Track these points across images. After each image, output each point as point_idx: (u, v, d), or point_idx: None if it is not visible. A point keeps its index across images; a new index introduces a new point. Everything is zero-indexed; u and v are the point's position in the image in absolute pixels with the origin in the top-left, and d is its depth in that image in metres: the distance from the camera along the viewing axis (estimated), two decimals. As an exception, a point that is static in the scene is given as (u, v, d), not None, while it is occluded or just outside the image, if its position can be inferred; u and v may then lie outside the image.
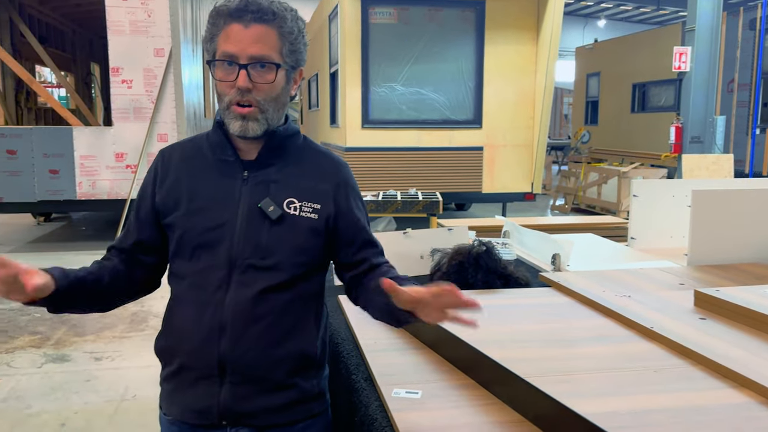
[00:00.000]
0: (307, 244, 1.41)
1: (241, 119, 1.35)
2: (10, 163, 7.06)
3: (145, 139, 7.21)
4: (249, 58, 1.32)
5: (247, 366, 1.38)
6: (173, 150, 1.49)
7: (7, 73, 8.72)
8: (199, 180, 1.43)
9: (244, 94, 1.34)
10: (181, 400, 1.44)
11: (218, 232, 1.38)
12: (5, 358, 4.17)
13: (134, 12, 7.03)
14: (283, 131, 1.44)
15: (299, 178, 1.43)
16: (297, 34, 1.38)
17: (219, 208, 1.40)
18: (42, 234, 8.63)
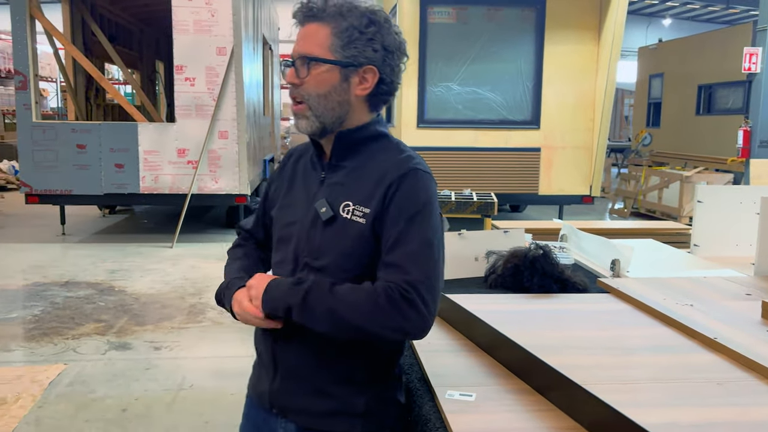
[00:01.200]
0: (354, 250, 1.36)
1: (294, 116, 1.41)
2: (79, 157, 7.36)
3: (206, 136, 7.39)
4: (297, 55, 1.37)
5: (293, 363, 1.42)
6: (294, 150, 1.59)
7: (79, 71, 9.08)
8: (296, 178, 1.50)
9: (293, 91, 1.38)
10: (252, 382, 1.55)
11: (291, 228, 1.44)
12: (72, 344, 4.36)
13: (198, 12, 7.22)
14: (355, 132, 1.41)
15: (361, 181, 1.39)
16: (358, 29, 1.34)
17: (299, 206, 1.45)
18: (106, 225, 8.97)
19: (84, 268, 6.41)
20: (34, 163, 7.37)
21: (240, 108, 7.46)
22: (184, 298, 5.46)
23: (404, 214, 1.32)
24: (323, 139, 1.43)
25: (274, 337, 1.42)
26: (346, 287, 1.31)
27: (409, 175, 1.35)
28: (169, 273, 6.24)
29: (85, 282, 5.94)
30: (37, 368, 3.90)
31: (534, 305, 2.02)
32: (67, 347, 4.30)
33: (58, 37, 8.10)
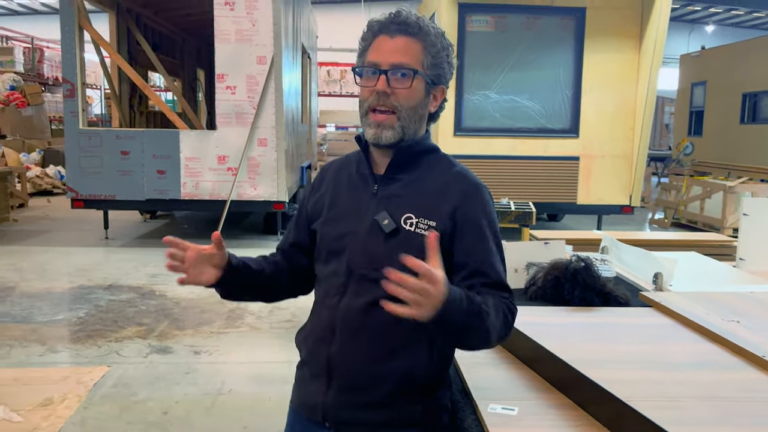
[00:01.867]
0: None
1: (375, 126, 1.40)
2: (123, 163, 7.55)
3: (245, 143, 7.51)
4: (390, 65, 1.39)
5: (351, 375, 1.41)
6: (331, 164, 1.61)
7: (123, 79, 9.33)
8: (341, 191, 1.51)
9: (381, 98, 1.39)
10: (298, 391, 1.54)
11: (344, 240, 1.45)
12: (115, 347, 4.47)
13: (240, 21, 7.35)
14: (415, 145, 1.45)
15: (422, 194, 1.43)
16: (440, 50, 1.43)
17: (349, 218, 1.46)
18: (148, 230, 9.17)
19: (126, 272, 6.57)
20: (80, 168, 7.58)
21: (279, 116, 7.56)
22: (223, 303, 5.54)
23: (485, 230, 1.41)
24: (378, 152, 1.47)
25: (333, 349, 1.42)
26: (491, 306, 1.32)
27: (476, 191, 1.43)
28: (208, 278, 6.34)
29: (127, 286, 6.08)
30: (82, 370, 4.01)
31: (575, 318, 2.01)
32: (111, 350, 4.41)
33: (104, 47, 8.34)
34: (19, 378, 3.82)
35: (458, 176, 1.45)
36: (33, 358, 4.23)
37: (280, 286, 1.59)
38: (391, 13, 1.42)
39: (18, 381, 3.78)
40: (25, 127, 14.33)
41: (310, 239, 1.57)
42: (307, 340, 1.51)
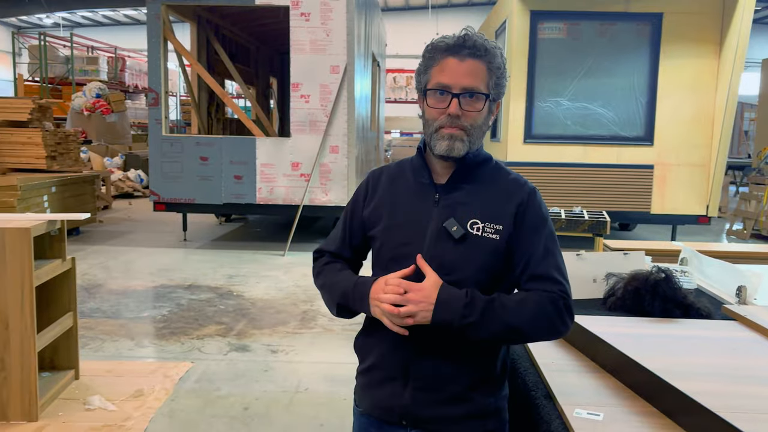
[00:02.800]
0: (488, 264, 1.50)
1: (448, 139, 1.48)
2: (202, 168, 7.89)
3: (318, 151, 7.72)
4: (461, 88, 1.46)
5: (429, 375, 1.50)
6: (381, 171, 1.68)
7: (202, 87, 9.74)
8: (399, 199, 1.59)
9: (453, 121, 1.48)
10: (370, 395, 1.60)
11: (409, 247, 1.52)
12: (197, 344, 4.69)
13: (315, 32, 7.57)
14: (473, 157, 1.54)
15: (485, 200, 1.53)
16: (503, 69, 1.51)
17: (412, 225, 1.54)
18: (223, 233, 9.53)
19: (204, 273, 6.86)
20: (162, 173, 7.96)
21: (350, 123, 7.73)
22: (297, 304, 5.73)
23: (539, 229, 1.52)
24: (437, 161, 1.55)
25: (409, 350, 1.50)
26: (515, 300, 1.45)
27: (533, 194, 1.55)
28: (281, 280, 6.57)
29: (206, 286, 6.35)
30: (168, 364, 4.24)
31: (656, 330, 2.02)
32: (193, 347, 4.64)
33: (186, 57, 8.73)
34: (111, 370, 4.08)
35: (515, 182, 1.56)
36: (123, 352, 4.50)
37: None
38: (460, 36, 1.48)
39: (111, 373, 4.03)
40: (109, 133, 15.10)
41: (364, 245, 1.66)
42: (375, 345, 1.58)
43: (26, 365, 3.25)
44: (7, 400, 3.25)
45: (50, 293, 3.68)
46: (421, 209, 1.55)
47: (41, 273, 3.37)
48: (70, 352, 3.83)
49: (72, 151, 9.40)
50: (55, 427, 3.26)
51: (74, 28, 28.02)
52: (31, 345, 3.25)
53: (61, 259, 3.63)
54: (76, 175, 9.04)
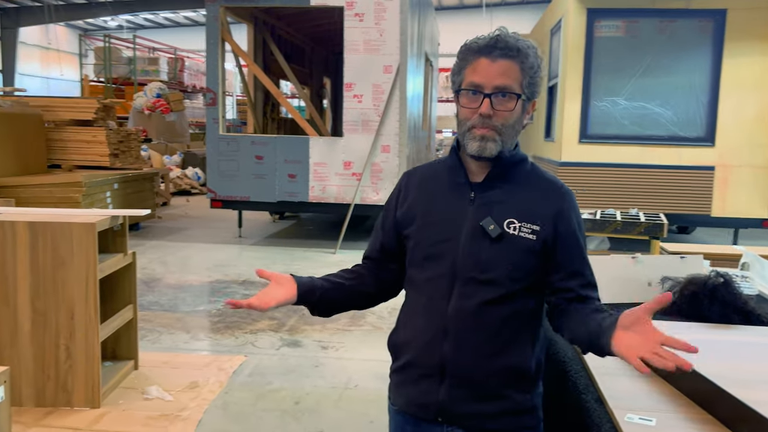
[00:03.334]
0: (524, 263, 1.51)
1: (480, 140, 1.50)
2: (257, 167, 8.06)
3: (370, 150, 7.77)
4: (493, 88, 1.48)
5: (465, 371, 1.52)
6: (415, 172, 1.71)
7: (258, 88, 9.93)
8: (434, 199, 1.61)
9: (484, 121, 1.49)
10: (405, 393, 1.63)
11: (445, 245, 1.54)
12: (250, 338, 4.80)
13: (368, 32, 7.63)
14: (510, 157, 1.56)
15: (521, 200, 1.54)
16: (536, 69, 1.51)
17: (447, 224, 1.56)
18: (276, 230, 9.70)
19: (257, 269, 6.99)
20: (219, 171, 8.17)
21: (402, 123, 7.76)
22: (347, 302, 5.79)
23: (578, 233, 1.55)
24: (472, 161, 1.56)
25: (445, 348, 1.52)
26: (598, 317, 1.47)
27: (570, 197, 1.57)
28: (332, 278, 6.64)
29: (260, 282, 6.48)
30: (222, 358, 4.36)
31: (714, 335, 1.97)
32: (246, 341, 4.75)
33: (243, 57, 8.93)
34: (168, 362, 4.22)
35: (552, 184, 1.59)
36: (179, 344, 4.65)
37: (366, 295, 1.73)
38: (492, 37, 1.50)
39: (167, 364, 4.17)
40: (168, 132, 15.57)
41: (399, 244, 1.67)
42: (410, 343, 1.60)
43: (90, 354, 3.40)
44: (72, 387, 3.41)
45: (112, 286, 3.83)
46: (456, 208, 1.56)
47: (104, 266, 3.51)
48: (130, 343, 3.98)
49: (133, 149, 9.74)
50: (115, 414, 3.40)
51: (137, 30, 29.01)
52: (94, 335, 3.40)
53: (122, 254, 3.78)
54: (137, 172, 9.36)
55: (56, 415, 3.35)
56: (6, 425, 2.61)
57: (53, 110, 9.39)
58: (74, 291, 3.35)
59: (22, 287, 3.33)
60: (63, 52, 30.48)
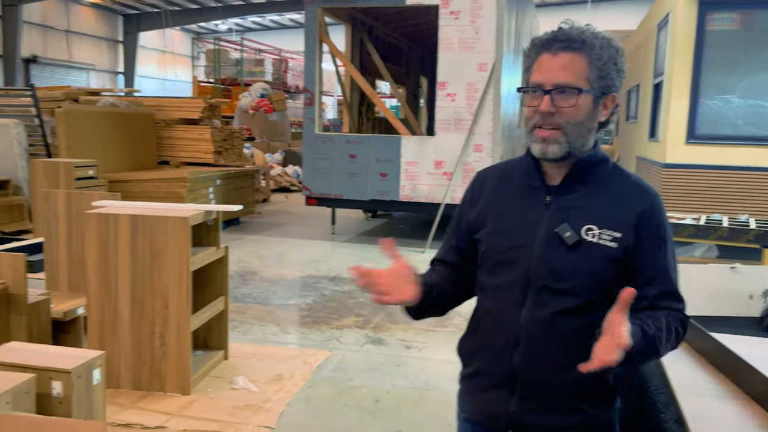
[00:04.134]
0: (603, 272, 1.42)
1: (541, 142, 1.42)
2: (350, 165, 8.19)
3: (462, 149, 7.69)
4: (553, 84, 1.40)
5: (537, 382, 1.45)
6: (489, 172, 1.64)
7: (354, 88, 10.08)
8: (507, 201, 1.54)
9: (546, 118, 1.41)
10: (474, 401, 1.58)
11: (517, 252, 1.47)
12: (336, 334, 4.88)
13: (463, 30, 7.54)
14: (589, 158, 1.46)
15: (602, 205, 1.44)
16: (607, 60, 1.41)
17: (521, 229, 1.48)
18: (368, 228, 9.81)
19: (348, 266, 7.09)
20: (314, 170, 8.37)
21: (496, 122, 7.62)
22: (434, 302, 5.75)
23: (665, 240, 1.44)
24: (549, 163, 1.47)
25: (516, 357, 1.46)
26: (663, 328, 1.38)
27: (656, 200, 1.46)
28: (421, 277, 6.62)
29: (349, 278, 6.58)
30: (308, 352, 4.45)
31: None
32: (332, 336, 4.82)
33: (340, 58, 9.09)
34: (256, 353, 4.36)
35: (637, 186, 1.47)
36: (269, 337, 4.79)
37: (450, 298, 1.65)
38: (554, 30, 1.42)
39: (255, 356, 4.31)
40: (270, 131, 16.14)
41: (471, 248, 1.60)
42: (480, 351, 1.54)
43: (182, 343, 3.57)
44: (165, 373, 3.59)
45: (205, 278, 4.00)
46: (530, 212, 1.49)
47: (197, 259, 3.67)
48: (221, 333, 4.15)
49: (236, 147, 10.16)
50: (204, 402, 3.55)
51: (245, 33, 30.28)
52: (187, 324, 3.56)
53: (215, 247, 3.94)
54: (238, 169, 9.76)
55: (150, 398, 3.54)
56: (101, 405, 2.78)
57: (164, 110, 9.97)
58: (169, 282, 3.52)
59: (122, 277, 3.55)
60: (177, 54, 32.32)
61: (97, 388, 2.74)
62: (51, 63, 24.59)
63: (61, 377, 2.58)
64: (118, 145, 8.84)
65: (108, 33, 28.06)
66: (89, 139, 8.29)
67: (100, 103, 9.69)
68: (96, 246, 3.55)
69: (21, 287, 3.44)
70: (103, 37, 27.78)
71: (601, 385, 1.45)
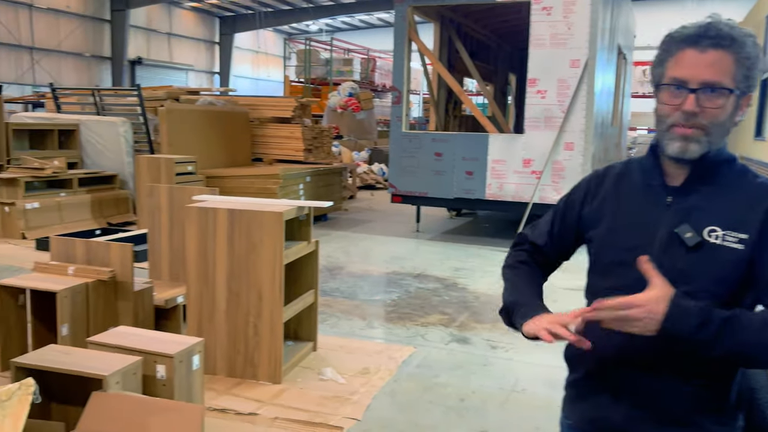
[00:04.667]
0: (727, 276, 1.34)
1: (682, 140, 1.36)
2: (436, 163, 8.19)
3: (551, 147, 7.52)
4: (700, 83, 1.33)
5: (647, 392, 1.39)
6: (607, 170, 1.58)
7: (442, 85, 10.07)
8: (624, 201, 1.48)
9: (689, 118, 1.34)
10: (580, 407, 1.53)
11: (632, 253, 1.39)
12: (420, 331, 4.90)
13: (556, 26, 7.38)
14: (714, 156, 1.39)
15: (726, 206, 1.37)
16: (754, 59, 1.34)
17: (637, 230, 1.43)
18: (453, 227, 9.78)
19: (432, 263, 7.12)
20: (400, 167, 8.43)
21: (589, 119, 7.41)
22: (520, 303, 5.67)
23: None
24: (671, 162, 1.42)
25: (625, 363, 1.41)
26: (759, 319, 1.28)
27: None
28: (507, 277, 6.54)
29: (433, 276, 6.59)
30: (393, 347, 4.50)
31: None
32: (417, 333, 4.85)
33: (428, 55, 9.11)
34: (344, 346, 4.45)
35: (763, 187, 1.38)
36: (355, 330, 4.88)
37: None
38: (702, 25, 1.34)
39: (343, 348, 4.40)
40: (357, 129, 16.38)
41: (574, 243, 1.57)
42: (587, 356, 1.47)
43: (275, 333, 3.70)
44: (258, 361, 3.73)
45: (297, 272, 4.13)
46: (649, 213, 1.43)
47: (290, 253, 3.80)
48: (310, 325, 4.27)
49: (325, 145, 10.39)
50: (293, 391, 3.67)
51: (335, 33, 30.86)
52: (279, 315, 3.69)
53: (306, 242, 4.06)
54: (327, 167, 9.98)
55: (243, 386, 3.69)
56: (199, 390, 2.94)
57: (258, 108, 10.33)
58: (263, 274, 3.66)
59: (219, 268, 3.72)
60: (270, 55, 33.39)
61: (196, 373, 2.89)
62: (154, 64, 26.01)
63: (164, 361, 2.74)
64: (215, 142, 9.24)
65: (205, 35, 29.37)
66: (189, 136, 8.72)
67: (199, 102, 10.16)
68: (196, 238, 3.74)
69: (128, 275, 3.68)
70: (201, 39, 29.09)
71: (723, 400, 1.37)
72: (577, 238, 1.58)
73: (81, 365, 2.56)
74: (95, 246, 3.78)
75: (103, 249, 3.73)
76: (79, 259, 3.76)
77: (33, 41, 21.26)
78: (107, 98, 10.47)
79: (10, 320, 3.71)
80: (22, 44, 20.92)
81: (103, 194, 8.77)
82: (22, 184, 7.76)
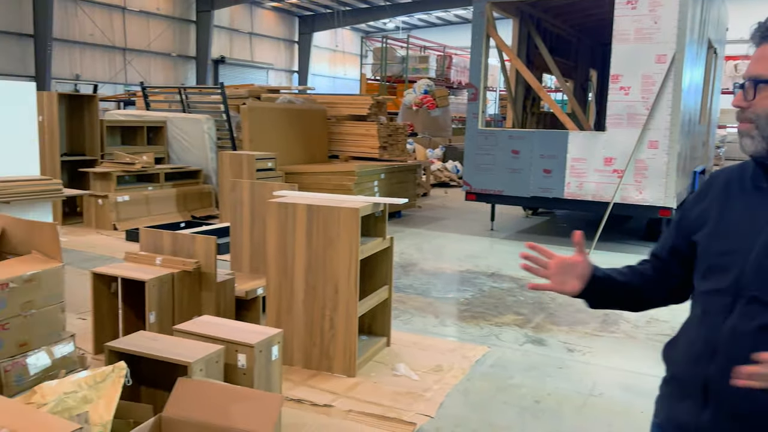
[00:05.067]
0: None
1: (739, 136, 1.37)
2: (513, 161, 8.07)
3: (634, 146, 7.27)
4: (747, 76, 1.33)
5: (731, 399, 1.33)
6: (721, 172, 1.55)
7: (519, 82, 9.91)
8: (730, 204, 1.44)
9: (739, 113, 1.36)
10: (667, 407, 1.51)
11: (731, 257, 1.37)
12: (495, 330, 4.86)
13: (641, 20, 7.12)
14: None
15: None
16: None
17: (739, 234, 1.38)
18: (529, 225, 9.62)
19: (507, 263, 7.02)
20: (475, 165, 8.36)
21: (675, 117, 7.11)
22: (599, 306, 5.52)
23: None
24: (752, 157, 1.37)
25: (712, 365, 1.36)
26: None
27: None
28: (584, 279, 6.38)
29: (508, 276, 6.51)
30: (467, 346, 4.48)
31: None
32: (491, 332, 4.81)
33: (506, 52, 8.99)
34: (417, 343, 4.47)
35: None
36: (428, 327, 4.89)
37: (646, 298, 1.61)
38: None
39: (416, 345, 4.42)
40: (432, 126, 16.36)
41: (689, 249, 1.51)
42: (678, 356, 1.47)
43: (350, 327, 3.76)
44: (333, 354, 3.81)
45: (372, 267, 4.18)
46: (752, 216, 1.37)
47: (365, 248, 3.85)
48: (384, 320, 4.31)
49: (400, 142, 10.43)
50: (367, 385, 3.71)
51: (411, 30, 30.92)
52: (354, 310, 3.75)
53: (382, 238, 4.10)
54: (401, 164, 10.02)
55: (319, 378, 3.77)
56: (278, 380, 3.02)
57: (335, 106, 10.50)
58: (339, 268, 3.73)
59: (298, 262, 3.81)
60: (347, 53, 33.81)
61: (275, 363, 2.98)
62: (236, 63, 26.87)
63: (245, 350, 2.84)
64: (294, 139, 9.45)
65: (285, 34, 30.07)
66: (269, 133, 8.96)
67: (279, 100, 10.42)
68: (275, 232, 3.84)
69: (212, 267, 3.83)
70: (281, 38, 29.81)
71: None
72: (690, 244, 1.53)
73: (168, 351, 2.69)
74: (181, 238, 3.95)
75: (188, 241, 3.90)
76: (166, 250, 3.95)
77: (126, 43, 22.40)
78: (192, 96, 10.90)
79: (103, 306, 3.94)
80: (116, 45, 22.09)
81: (188, 188, 9.15)
82: (114, 178, 8.21)
